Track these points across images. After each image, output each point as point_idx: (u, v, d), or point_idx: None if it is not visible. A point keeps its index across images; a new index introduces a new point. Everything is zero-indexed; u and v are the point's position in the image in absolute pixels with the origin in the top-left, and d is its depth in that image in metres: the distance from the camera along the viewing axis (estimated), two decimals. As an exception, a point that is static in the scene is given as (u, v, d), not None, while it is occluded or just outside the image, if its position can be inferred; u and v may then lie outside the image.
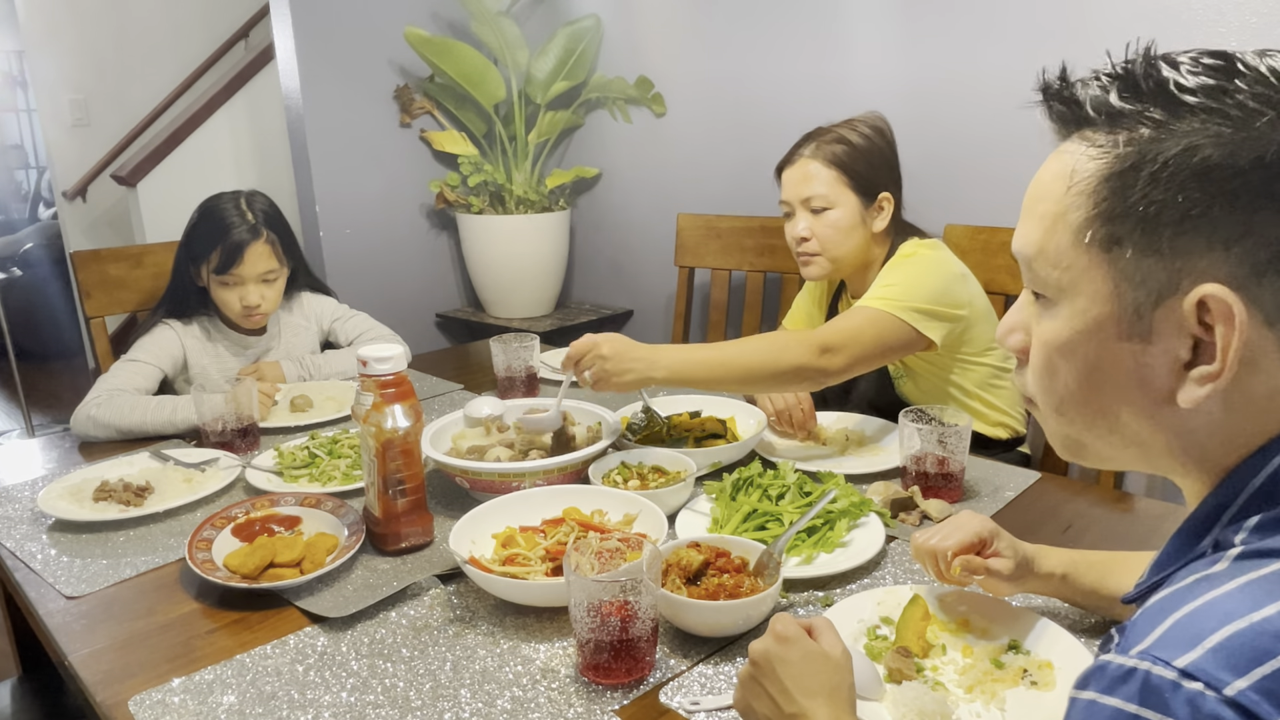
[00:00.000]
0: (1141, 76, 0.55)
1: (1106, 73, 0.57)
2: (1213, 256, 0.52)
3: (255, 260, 1.84)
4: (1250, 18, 1.75)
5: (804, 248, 1.63)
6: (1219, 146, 0.51)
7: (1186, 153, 0.52)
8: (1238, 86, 0.52)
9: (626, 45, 2.88)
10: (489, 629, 1.06)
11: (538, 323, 3.04)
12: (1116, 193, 0.55)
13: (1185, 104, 0.53)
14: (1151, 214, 0.53)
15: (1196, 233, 0.52)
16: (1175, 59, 0.55)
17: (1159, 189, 0.53)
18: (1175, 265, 0.53)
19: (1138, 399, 0.58)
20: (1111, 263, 0.56)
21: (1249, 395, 0.54)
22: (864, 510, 1.24)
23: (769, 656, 0.79)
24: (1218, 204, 0.51)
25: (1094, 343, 0.58)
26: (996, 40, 2.07)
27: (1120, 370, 0.58)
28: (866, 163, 1.59)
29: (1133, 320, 0.56)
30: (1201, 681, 0.45)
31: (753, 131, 2.60)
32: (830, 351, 1.40)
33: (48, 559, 1.27)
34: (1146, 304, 0.55)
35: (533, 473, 1.33)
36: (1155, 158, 0.53)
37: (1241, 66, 0.53)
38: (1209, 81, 0.53)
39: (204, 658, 1.02)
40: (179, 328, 1.90)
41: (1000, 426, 1.69)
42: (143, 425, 1.70)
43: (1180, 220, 0.52)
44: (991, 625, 1.00)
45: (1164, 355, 0.55)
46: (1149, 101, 0.54)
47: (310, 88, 2.84)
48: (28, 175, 6.98)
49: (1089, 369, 0.59)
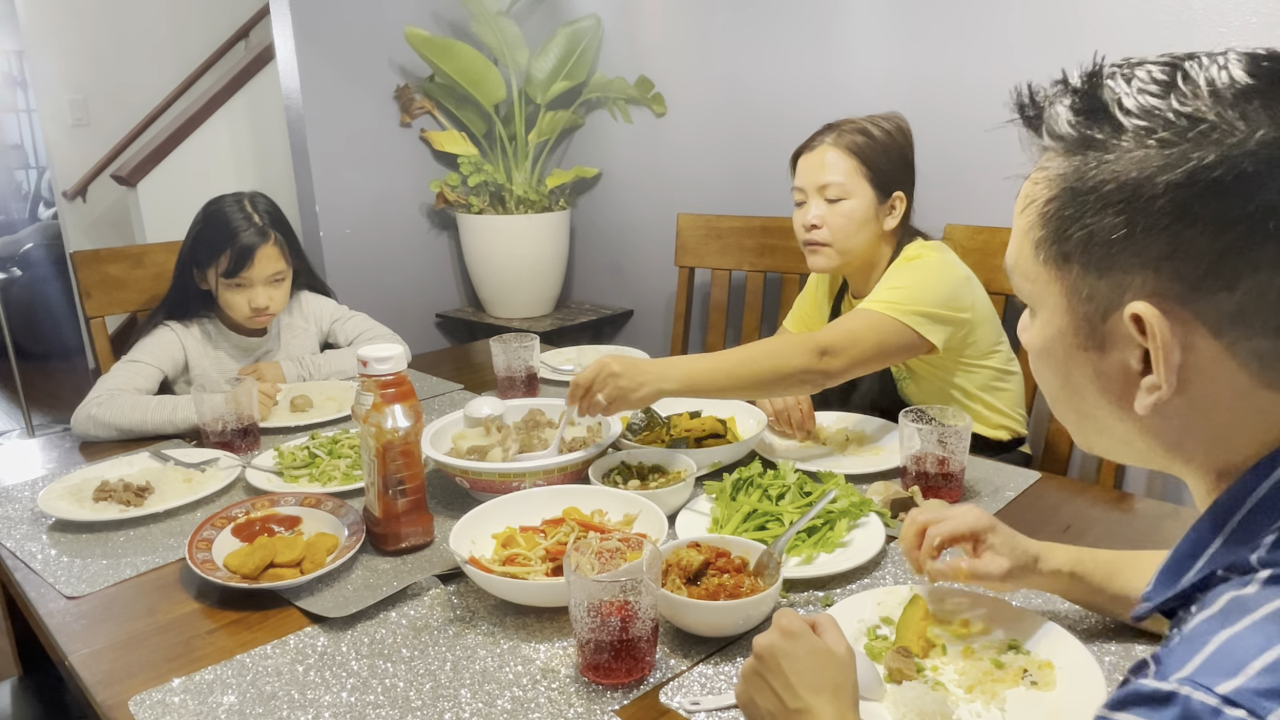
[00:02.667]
0: (1091, 95, 0.56)
1: (1063, 92, 0.59)
2: (1145, 274, 0.54)
3: (264, 263, 1.84)
4: (1250, 18, 1.75)
5: (813, 235, 1.62)
6: (1142, 168, 0.53)
7: (1115, 175, 0.54)
8: (1171, 104, 0.53)
9: (626, 45, 2.88)
10: (489, 629, 1.06)
11: (538, 323, 3.04)
12: (1061, 213, 0.57)
13: (1123, 125, 0.54)
14: (1089, 235, 0.56)
15: (1129, 252, 0.54)
16: (1130, 72, 0.56)
17: (1092, 212, 0.55)
18: (1115, 282, 0.56)
19: (1107, 403, 0.61)
20: (1063, 278, 0.59)
21: (1215, 400, 0.56)
22: (864, 510, 1.24)
23: (774, 651, 0.79)
24: (1141, 225, 0.53)
25: (1060, 351, 0.62)
26: (997, 40, 2.07)
27: (1085, 377, 0.61)
28: (885, 158, 1.59)
29: (1088, 332, 0.59)
30: (1244, 708, 0.45)
31: (753, 131, 2.60)
32: (830, 354, 1.40)
33: (48, 559, 1.27)
34: (1096, 317, 0.58)
35: (533, 473, 1.33)
36: (1090, 180, 0.55)
37: (1182, 80, 0.53)
38: (1148, 100, 0.54)
39: (204, 658, 1.02)
40: (179, 329, 1.90)
41: (1001, 429, 1.69)
42: (143, 425, 1.70)
43: (1113, 241, 0.55)
44: (991, 625, 1.00)
45: (1118, 365, 0.58)
46: (1095, 122, 0.55)
47: (310, 88, 2.84)
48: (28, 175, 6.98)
49: (1063, 375, 0.63)
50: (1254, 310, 0.52)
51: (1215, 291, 0.52)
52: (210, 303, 1.91)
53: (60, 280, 4.99)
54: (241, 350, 1.96)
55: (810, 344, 1.41)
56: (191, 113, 4.12)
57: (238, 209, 1.85)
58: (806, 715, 0.75)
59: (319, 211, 2.92)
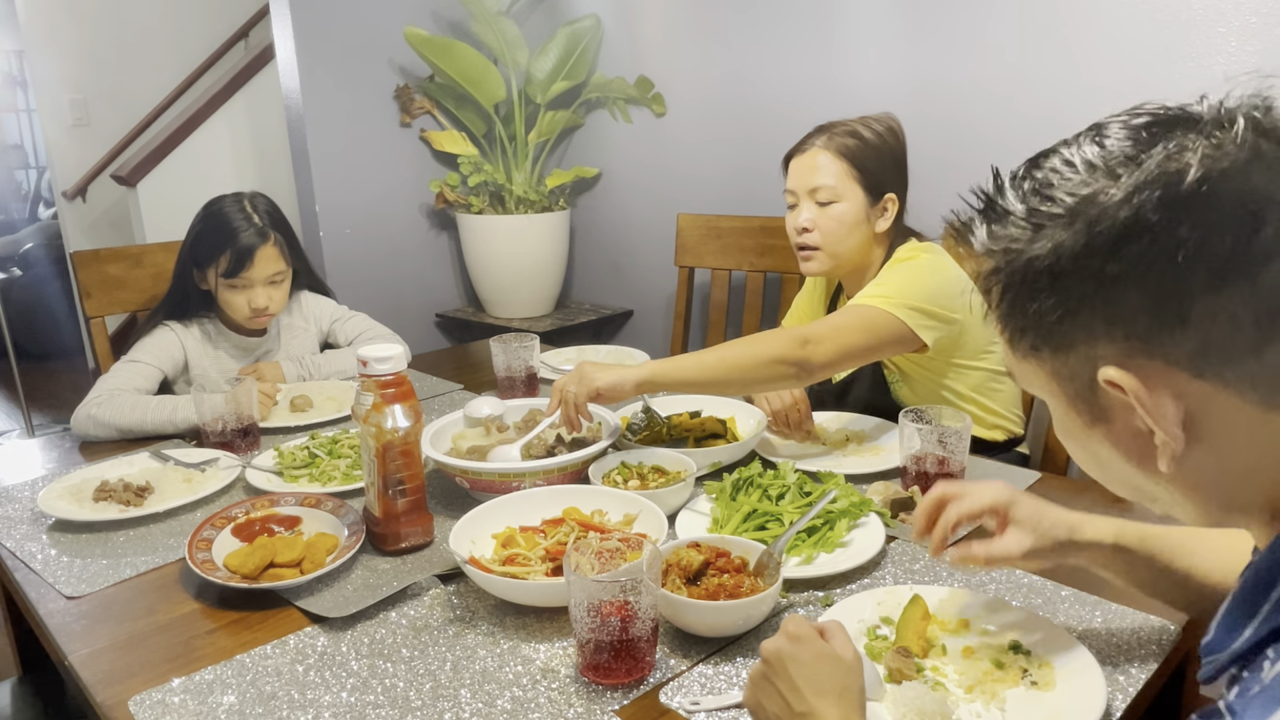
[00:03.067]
0: (994, 204, 0.61)
1: (979, 204, 0.63)
2: (1101, 341, 0.56)
3: (264, 263, 1.84)
4: (1250, 18, 1.75)
5: (804, 239, 1.62)
6: (1050, 250, 0.56)
7: (1030, 263, 0.58)
8: (1058, 190, 0.57)
9: (626, 45, 2.88)
10: (489, 629, 1.06)
11: (538, 323, 3.04)
12: (1010, 310, 0.61)
13: (1022, 221, 0.58)
14: (1038, 321, 0.59)
15: (1077, 326, 0.57)
16: (1032, 172, 0.60)
17: (1029, 300, 0.59)
18: (1082, 355, 0.58)
19: (1139, 471, 0.61)
20: (1042, 366, 0.62)
21: (1233, 438, 0.56)
22: (864, 510, 1.24)
23: (781, 655, 0.79)
24: (1072, 298, 0.56)
25: (1076, 432, 0.64)
26: (997, 40, 2.07)
27: (1107, 451, 0.62)
28: (877, 160, 1.58)
29: (1086, 409, 0.61)
30: None
31: (753, 131, 2.60)
32: (811, 343, 1.39)
33: (48, 559, 1.27)
34: (1086, 392, 0.60)
35: (533, 473, 1.33)
36: (1016, 274, 0.59)
37: (1064, 166, 0.57)
38: (1042, 192, 0.58)
39: (204, 658, 1.02)
40: (179, 329, 1.90)
41: (997, 429, 1.69)
42: (143, 425, 1.70)
43: (1058, 320, 0.58)
44: (991, 625, 1.00)
45: (1128, 431, 0.59)
46: (1003, 225, 0.60)
47: (310, 88, 2.84)
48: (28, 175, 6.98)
49: (1091, 454, 0.64)
50: (1218, 338, 0.53)
51: (1171, 334, 0.54)
52: (210, 303, 1.91)
53: (60, 280, 4.99)
54: (241, 350, 1.96)
55: (793, 334, 1.40)
56: (191, 113, 4.12)
57: (238, 209, 1.85)
58: (811, 718, 0.76)
59: (319, 211, 2.92)
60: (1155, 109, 0.57)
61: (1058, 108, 2.00)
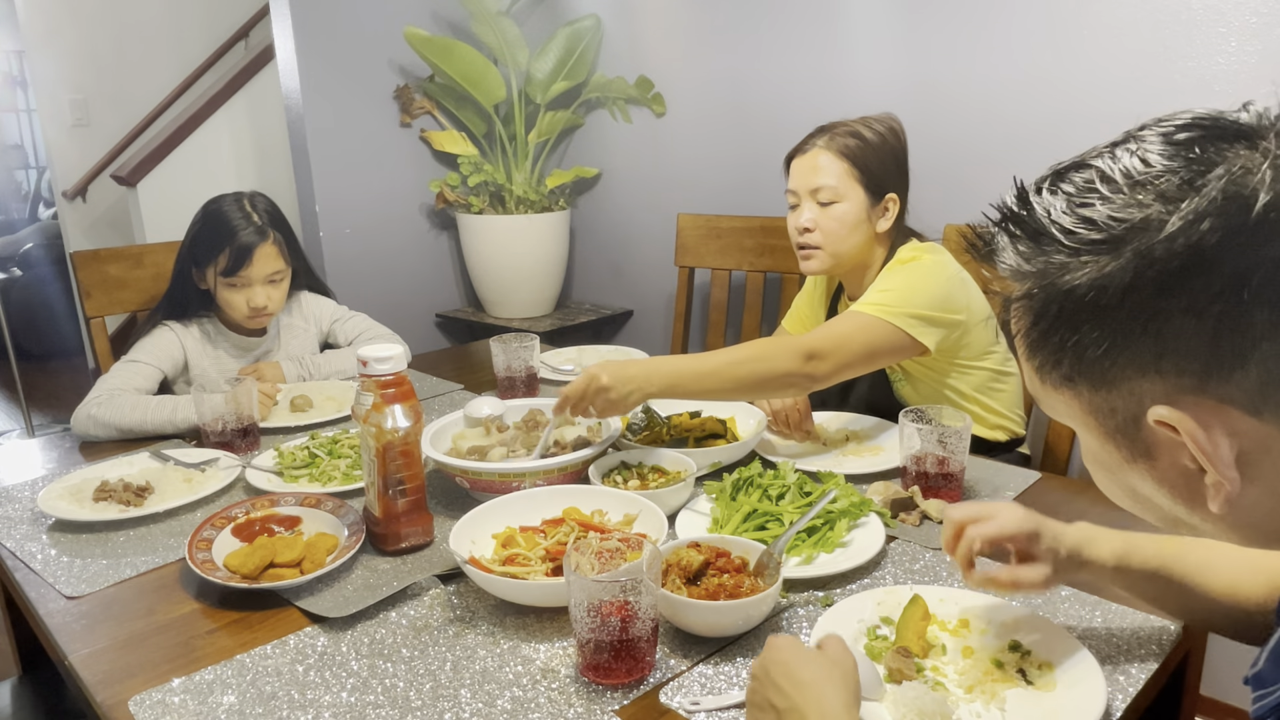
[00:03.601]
0: (1026, 221, 0.55)
1: (1004, 222, 0.57)
2: (1151, 377, 0.52)
3: (263, 262, 1.84)
4: (1250, 18, 1.75)
5: (805, 239, 1.62)
6: (1094, 279, 0.51)
7: (1072, 291, 0.52)
8: (1100, 211, 0.52)
9: (626, 45, 2.88)
10: (489, 629, 1.06)
11: (538, 323, 3.04)
12: (1045, 338, 0.56)
13: (1063, 243, 0.53)
14: (1078, 353, 0.54)
15: (1123, 361, 0.52)
16: (1055, 185, 0.55)
17: (1069, 330, 0.54)
18: (1127, 391, 0.53)
19: (1185, 508, 0.57)
20: (1078, 398, 0.57)
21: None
22: (864, 510, 1.24)
23: (763, 663, 0.81)
24: (1120, 332, 0.52)
25: (1113, 465, 0.59)
26: (997, 40, 2.07)
27: (1148, 488, 0.58)
28: (878, 160, 1.58)
29: (1128, 445, 0.56)
30: None
31: (753, 131, 2.60)
32: (816, 358, 1.40)
33: (48, 559, 1.27)
34: (1129, 428, 0.55)
35: (533, 473, 1.33)
36: (1054, 301, 0.54)
37: (1102, 183, 0.52)
38: (1080, 212, 0.53)
39: (204, 658, 1.02)
40: (179, 329, 1.90)
41: (999, 429, 1.69)
42: (143, 424, 1.70)
43: (1102, 355, 0.53)
44: (992, 625, 1.00)
45: (1174, 469, 0.55)
46: (1039, 246, 0.54)
47: (310, 88, 2.84)
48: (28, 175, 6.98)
49: (1128, 488, 0.60)
50: (1278, 378, 0.50)
51: (1230, 373, 0.50)
52: (209, 302, 1.91)
53: (60, 280, 4.99)
54: (241, 350, 1.96)
55: (797, 347, 1.40)
56: (191, 113, 4.12)
57: (237, 208, 1.85)
58: (793, 714, 0.76)
59: (319, 211, 2.92)
60: (1193, 118, 0.52)
61: (1058, 107, 2.00)
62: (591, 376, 1.36)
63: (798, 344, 1.41)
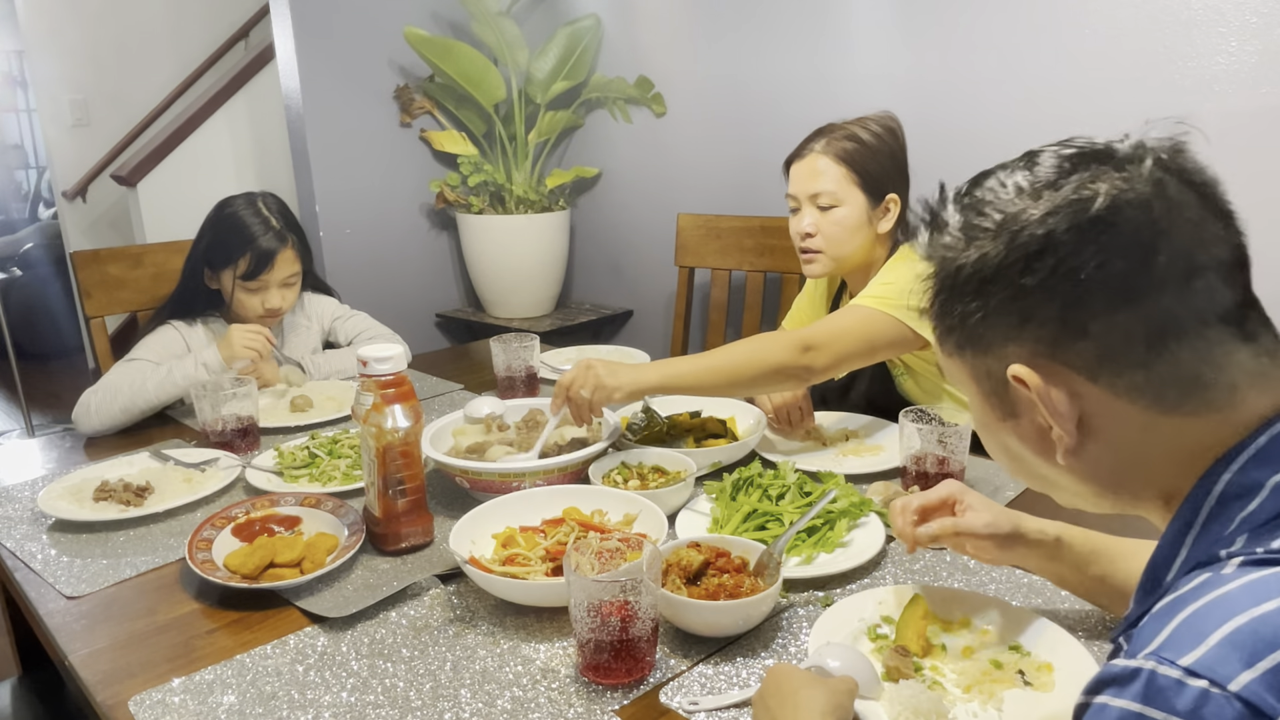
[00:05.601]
0: (936, 216, 0.67)
1: (923, 218, 0.69)
2: (1013, 343, 0.63)
3: (283, 266, 1.87)
4: (1250, 17, 1.75)
5: (807, 244, 1.62)
6: (977, 260, 0.63)
7: (960, 268, 0.64)
8: (990, 207, 0.63)
9: (626, 45, 2.88)
10: (489, 629, 1.06)
11: (538, 323, 3.04)
12: (943, 310, 0.67)
13: (956, 233, 0.65)
14: (961, 321, 0.65)
15: (995, 328, 0.64)
16: (969, 188, 0.66)
17: (956, 301, 0.65)
18: (997, 355, 0.64)
19: (1044, 463, 0.67)
20: (964, 364, 0.68)
21: (1124, 437, 0.62)
22: (864, 510, 1.24)
23: (761, 693, 0.83)
24: (993, 304, 0.63)
25: (991, 427, 0.70)
26: (997, 38, 2.07)
27: (1017, 444, 0.69)
28: (876, 162, 1.58)
29: (998, 405, 0.68)
30: (1206, 679, 0.47)
31: (753, 131, 2.60)
32: (813, 349, 1.40)
33: (48, 559, 1.27)
34: (1000, 389, 0.66)
35: (533, 473, 1.33)
36: (948, 277, 0.65)
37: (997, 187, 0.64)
38: (976, 208, 0.64)
39: (204, 658, 1.02)
40: (183, 328, 1.91)
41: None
42: (144, 394, 1.72)
43: (980, 321, 0.64)
44: (992, 626, 1.00)
45: (1031, 426, 0.66)
46: (940, 233, 0.66)
47: (310, 88, 2.84)
48: (28, 175, 6.98)
49: (1003, 446, 0.71)
50: (1112, 351, 0.60)
51: (1074, 342, 0.60)
52: (217, 302, 1.92)
53: (60, 280, 4.99)
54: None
55: (794, 339, 1.41)
56: (191, 113, 4.12)
57: (253, 212, 1.86)
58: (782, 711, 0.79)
59: (319, 211, 2.92)
60: (1083, 143, 0.63)
61: (1058, 106, 2.00)
62: (584, 362, 1.39)
63: (794, 336, 1.41)
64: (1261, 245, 0.64)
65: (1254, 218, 0.64)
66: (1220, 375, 0.59)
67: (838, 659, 0.87)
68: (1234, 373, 0.59)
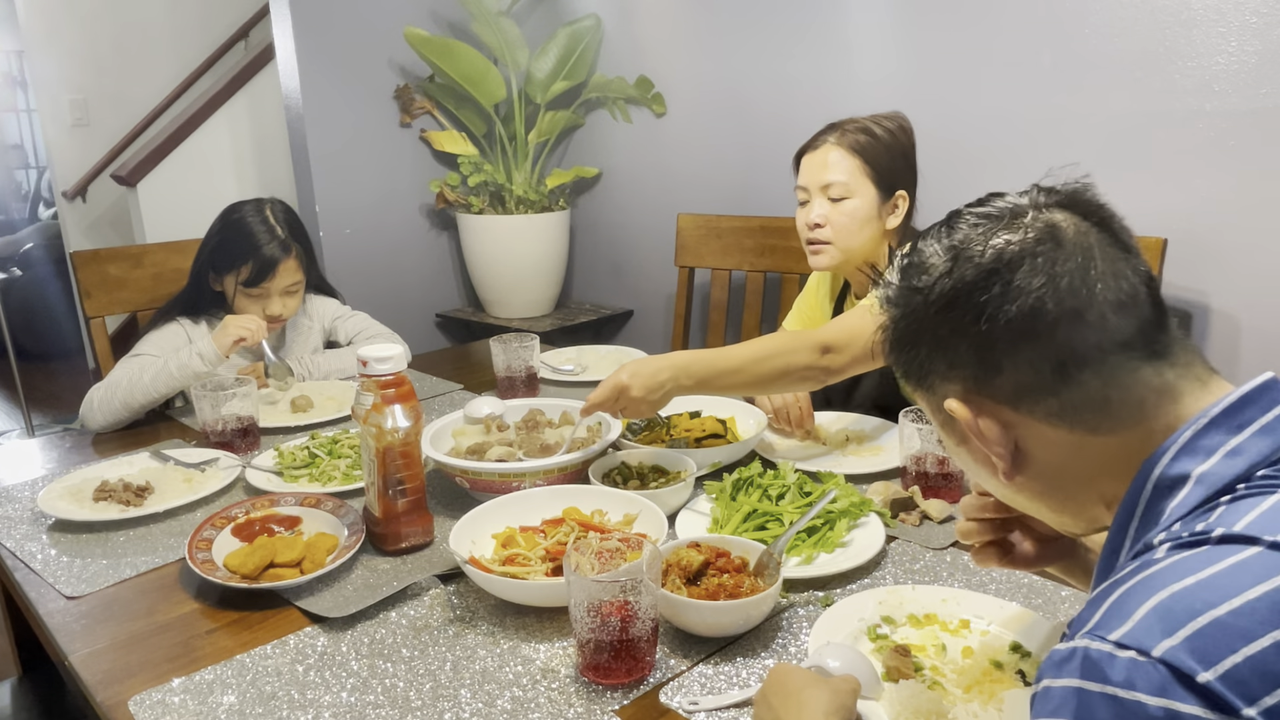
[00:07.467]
0: (880, 279, 0.76)
1: (875, 281, 0.78)
2: (949, 381, 0.71)
3: (285, 275, 1.88)
4: (1250, 17, 1.75)
5: (815, 234, 1.62)
6: (907, 315, 0.72)
7: (897, 323, 0.73)
8: (916, 268, 0.71)
9: (626, 45, 2.88)
10: (489, 629, 1.06)
11: (538, 323, 3.04)
12: (894, 358, 0.75)
13: (891, 295, 0.74)
14: (909, 367, 0.74)
15: (932, 371, 0.72)
16: (906, 255, 0.74)
17: (903, 350, 0.74)
18: (940, 392, 0.72)
19: (998, 484, 0.73)
20: (922, 398, 0.76)
21: (1057, 457, 0.69)
22: (864, 510, 1.24)
23: (762, 692, 0.83)
24: (924, 350, 0.71)
25: (953, 450, 0.77)
26: (997, 38, 2.07)
27: (973, 467, 0.76)
28: (888, 157, 1.59)
29: (951, 433, 0.75)
30: (1133, 649, 0.51)
31: (753, 131, 2.60)
32: (833, 351, 1.41)
33: (48, 559, 1.27)
34: (948, 420, 0.73)
35: (533, 473, 1.33)
36: (894, 332, 0.74)
37: (925, 250, 0.72)
38: (906, 271, 0.73)
39: (204, 658, 1.02)
40: (188, 325, 1.92)
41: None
42: (140, 387, 1.73)
43: (919, 366, 0.73)
44: (992, 626, 1.00)
45: (979, 451, 0.73)
46: (888, 294, 0.75)
47: (310, 88, 2.84)
48: (28, 175, 6.98)
49: (968, 466, 0.77)
50: (1025, 383, 0.67)
51: (992, 378, 0.68)
52: (222, 301, 1.93)
53: (60, 280, 4.99)
54: (248, 349, 1.96)
55: (813, 341, 1.41)
56: (191, 113, 4.12)
57: (259, 220, 1.87)
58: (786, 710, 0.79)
59: (319, 211, 2.92)
60: (998, 205, 0.71)
61: (1058, 107, 2.00)
62: (617, 384, 1.34)
63: (814, 338, 1.41)
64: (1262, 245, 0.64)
65: (1254, 218, 0.65)
66: (1127, 394, 0.65)
67: (838, 659, 0.87)
68: (1140, 391, 0.65)
